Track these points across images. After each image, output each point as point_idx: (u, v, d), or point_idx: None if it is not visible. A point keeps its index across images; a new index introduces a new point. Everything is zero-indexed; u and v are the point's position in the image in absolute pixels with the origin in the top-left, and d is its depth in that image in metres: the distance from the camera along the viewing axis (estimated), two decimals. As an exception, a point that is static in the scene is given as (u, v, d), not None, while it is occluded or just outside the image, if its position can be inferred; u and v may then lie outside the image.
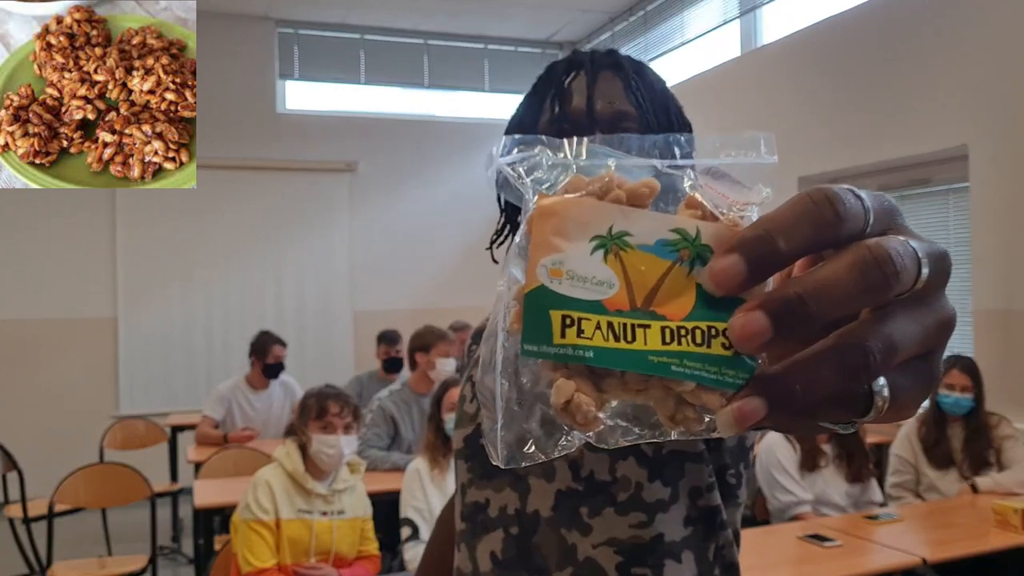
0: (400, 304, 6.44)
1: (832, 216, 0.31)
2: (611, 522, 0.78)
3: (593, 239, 0.31)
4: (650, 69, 0.89)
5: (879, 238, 0.31)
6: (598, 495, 0.78)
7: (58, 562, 3.33)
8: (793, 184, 4.57)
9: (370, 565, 2.46)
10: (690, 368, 0.30)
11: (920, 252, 0.32)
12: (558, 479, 0.81)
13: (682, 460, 0.80)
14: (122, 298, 5.82)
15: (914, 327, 0.31)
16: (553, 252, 0.31)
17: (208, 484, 3.20)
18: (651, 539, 0.78)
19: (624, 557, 0.78)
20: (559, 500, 0.80)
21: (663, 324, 0.31)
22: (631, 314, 0.31)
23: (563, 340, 0.31)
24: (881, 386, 0.31)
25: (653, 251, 0.31)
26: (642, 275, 0.31)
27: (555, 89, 0.85)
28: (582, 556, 0.79)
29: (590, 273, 0.31)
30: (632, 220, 0.31)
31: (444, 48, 6.65)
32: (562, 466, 0.80)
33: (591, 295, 0.31)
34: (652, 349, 0.30)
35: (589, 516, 0.79)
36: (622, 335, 0.31)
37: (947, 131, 3.68)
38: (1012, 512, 2.53)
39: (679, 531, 0.79)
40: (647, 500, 0.78)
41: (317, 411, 2.41)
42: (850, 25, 4.25)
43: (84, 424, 5.27)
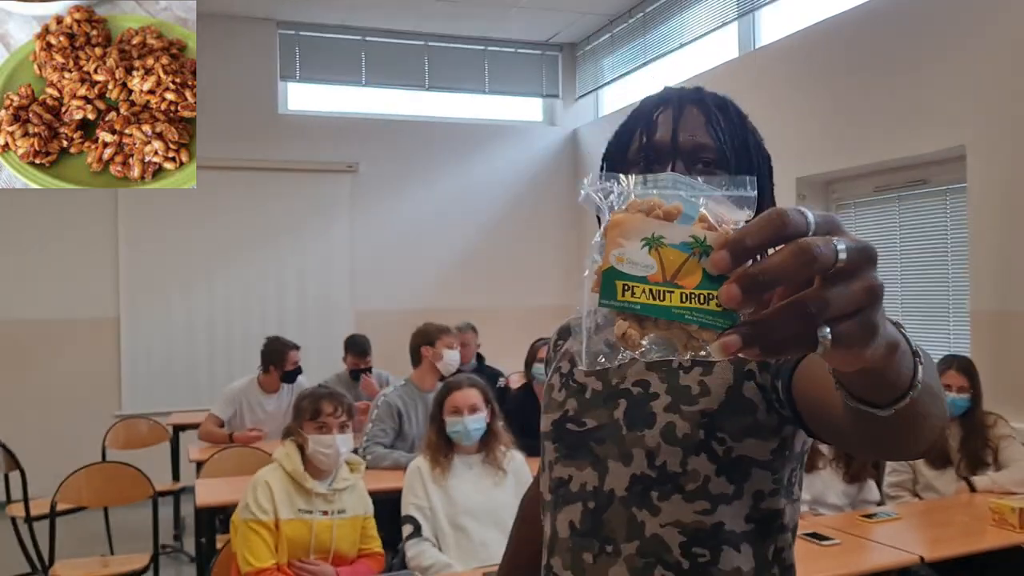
0: (401, 304, 6.46)
1: (780, 224, 0.45)
2: (678, 507, 0.89)
3: (642, 240, 0.49)
4: (733, 105, 1.01)
5: (809, 236, 0.45)
6: (668, 483, 0.89)
7: (60, 561, 3.34)
8: (792, 184, 4.58)
9: (373, 563, 2.48)
10: (696, 317, 0.48)
11: (838, 243, 0.45)
12: (634, 465, 0.91)
13: (749, 464, 0.89)
14: (124, 298, 5.85)
15: (842, 291, 0.45)
16: (618, 247, 0.49)
17: (210, 483, 3.22)
18: (712, 526, 0.88)
19: (687, 538, 0.89)
20: (633, 483, 0.91)
21: (681, 291, 0.48)
22: (663, 284, 0.49)
23: (623, 298, 0.49)
24: (825, 332, 0.45)
25: (678, 248, 0.48)
26: (671, 262, 0.49)
27: (644, 121, 0.96)
28: (649, 533, 0.90)
29: (639, 260, 0.49)
30: (665, 229, 0.49)
31: (444, 50, 6.67)
32: (639, 455, 0.91)
33: (640, 272, 0.49)
34: (674, 305, 0.48)
35: (659, 500, 0.90)
36: (657, 297, 0.49)
37: (945, 132, 3.69)
38: (1009, 511, 2.54)
39: (740, 525, 0.89)
40: (712, 492, 0.88)
41: (312, 412, 2.42)
42: (848, 27, 4.26)
43: (86, 423, 5.29)
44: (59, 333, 5.71)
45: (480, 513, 2.54)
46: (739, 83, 5.12)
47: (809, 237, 0.45)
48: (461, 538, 2.50)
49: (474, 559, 2.46)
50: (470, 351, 4.81)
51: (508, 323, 6.27)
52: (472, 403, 2.66)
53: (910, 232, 4.12)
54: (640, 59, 6.11)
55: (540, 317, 6.60)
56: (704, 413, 0.89)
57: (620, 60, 6.39)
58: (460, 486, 2.57)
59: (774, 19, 5.06)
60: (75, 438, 5.16)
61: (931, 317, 4.00)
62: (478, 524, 2.52)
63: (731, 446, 0.88)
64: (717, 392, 0.89)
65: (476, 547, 2.49)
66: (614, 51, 6.47)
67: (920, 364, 0.54)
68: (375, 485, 2.68)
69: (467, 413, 2.64)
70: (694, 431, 0.88)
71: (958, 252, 3.80)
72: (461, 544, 2.49)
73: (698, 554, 0.88)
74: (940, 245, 3.93)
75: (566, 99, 7.10)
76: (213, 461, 3.51)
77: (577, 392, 0.99)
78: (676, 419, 0.89)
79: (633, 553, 0.90)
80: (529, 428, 3.77)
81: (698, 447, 0.88)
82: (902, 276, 4.15)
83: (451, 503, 2.53)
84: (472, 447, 2.66)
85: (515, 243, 6.84)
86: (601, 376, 0.96)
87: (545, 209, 6.95)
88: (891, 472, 3.22)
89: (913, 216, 4.12)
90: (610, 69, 6.56)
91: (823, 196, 4.61)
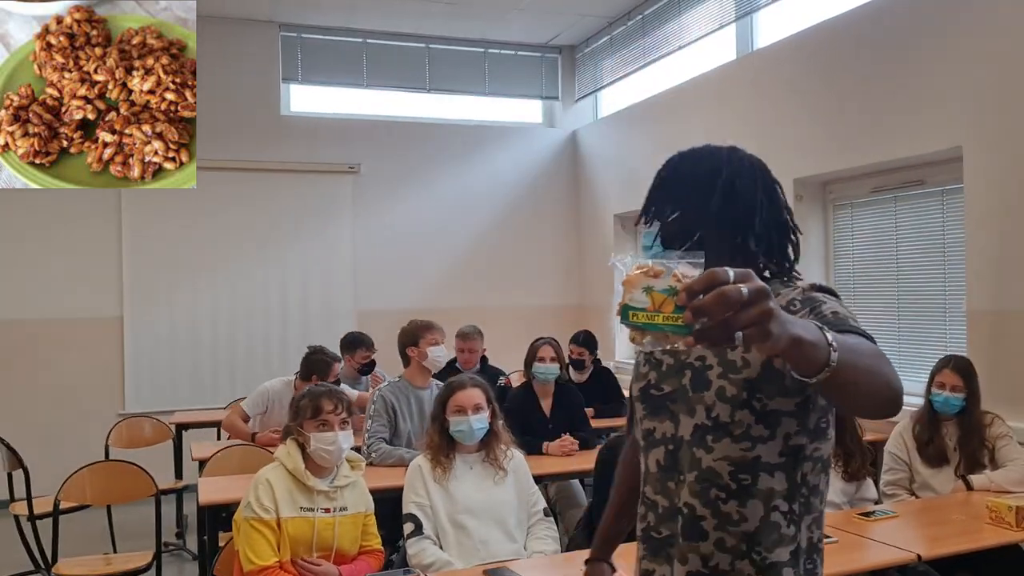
0: (402, 303, 6.47)
1: (711, 278, 0.81)
2: (727, 446, 1.21)
3: (642, 287, 0.87)
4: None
5: (728, 285, 0.80)
6: (720, 430, 1.22)
7: (63, 559, 3.36)
8: (789, 185, 4.59)
9: (373, 560, 2.48)
10: (671, 328, 0.86)
11: (743, 288, 0.80)
12: (696, 417, 1.24)
13: (780, 415, 1.20)
14: (128, 298, 5.87)
15: (746, 313, 0.80)
16: (629, 293, 0.88)
17: (212, 481, 3.23)
18: (752, 459, 1.21)
19: (733, 468, 1.21)
20: (695, 430, 1.24)
21: (663, 315, 0.86)
22: (653, 312, 0.87)
23: (632, 319, 0.88)
24: (739, 335, 0.81)
25: (662, 292, 0.86)
26: (657, 299, 0.87)
27: None
28: (705, 466, 1.23)
29: (640, 299, 0.87)
30: (654, 282, 0.87)
31: (445, 52, 6.70)
32: (700, 409, 1.24)
33: (641, 306, 0.87)
34: (659, 323, 0.87)
35: (712, 441, 1.22)
36: (650, 318, 0.87)
37: (941, 133, 3.70)
38: (1006, 509, 2.55)
39: (774, 458, 1.21)
40: (752, 435, 1.20)
41: (312, 411, 2.42)
42: (845, 29, 4.27)
43: (90, 422, 5.32)
44: (63, 332, 5.74)
45: (480, 511, 2.55)
46: (737, 85, 5.13)
47: (728, 286, 0.80)
48: (461, 536, 2.51)
49: (474, 557, 2.47)
50: (476, 356, 4.81)
51: (508, 323, 6.29)
52: (476, 403, 2.67)
53: (907, 232, 4.13)
54: (639, 61, 6.13)
55: (540, 317, 6.62)
56: (747, 380, 1.19)
57: (619, 62, 6.41)
58: (461, 485, 2.58)
59: (772, 21, 5.07)
60: (78, 437, 5.19)
61: (928, 317, 4.01)
62: (478, 522, 2.53)
63: (766, 403, 1.19)
64: (755, 365, 1.19)
65: (476, 545, 2.50)
66: (613, 53, 6.49)
67: (834, 351, 0.88)
68: (372, 483, 2.69)
69: (471, 412, 2.65)
70: (739, 392, 1.20)
71: (955, 252, 3.81)
72: (462, 542, 2.50)
73: (742, 479, 1.21)
74: (937, 245, 3.94)
75: (565, 101, 7.12)
76: (216, 459, 3.53)
77: (656, 366, 1.33)
78: (726, 384, 1.21)
79: (693, 480, 1.24)
80: (529, 427, 3.81)
81: (742, 404, 1.20)
82: (899, 276, 4.15)
83: (452, 501, 2.54)
84: (473, 446, 2.67)
85: (515, 243, 6.86)
86: (672, 354, 1.29)
87: (545, 210, 6.97)
88: (887, 471, 3.23)
89: (910, 216, 4.13)
90: (609, 71, 6.58)
91: (820, 197, 4.62)
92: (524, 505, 2.65)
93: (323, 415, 2.41)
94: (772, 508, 1.21)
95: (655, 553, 1.30)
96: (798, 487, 1.22)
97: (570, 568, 2.24)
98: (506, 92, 6.97)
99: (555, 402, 4.01)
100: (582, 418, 4.05)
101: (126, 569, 3.25)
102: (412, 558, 2.45)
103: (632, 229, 6.60)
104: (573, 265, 7.08)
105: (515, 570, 2.20)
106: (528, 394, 4.04)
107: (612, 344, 6.31)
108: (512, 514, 2.60)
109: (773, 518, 1.21)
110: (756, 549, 1.21)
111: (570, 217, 7.06)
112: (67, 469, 3.40)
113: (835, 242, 4.58)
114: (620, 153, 6.47)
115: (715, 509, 1.22)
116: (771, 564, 1.21)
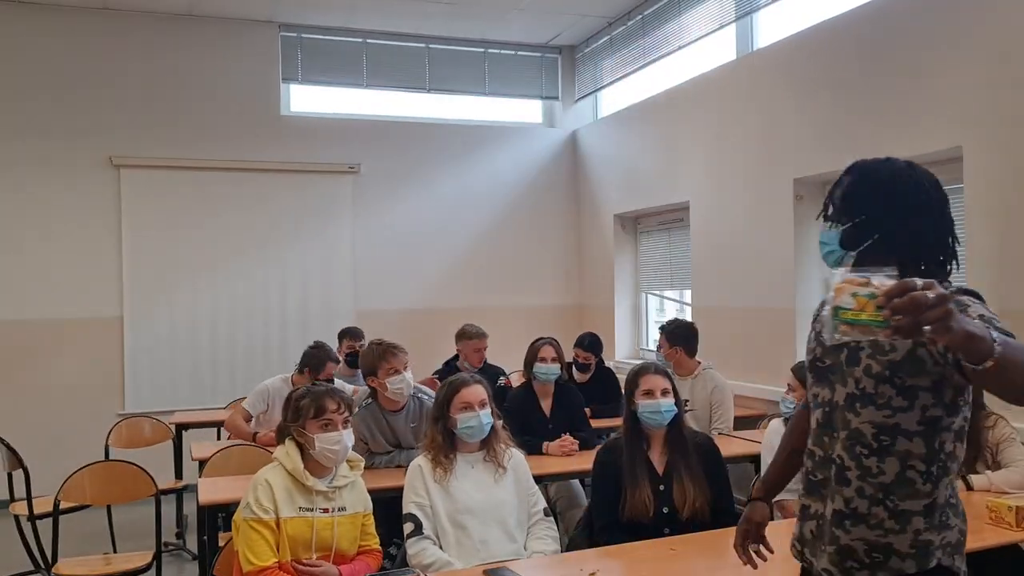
0: (402, 303, 6.50)
1: (903, 286, 1.10)
2: (871, 412, 1.48)
3: (850, 293, 1.15)
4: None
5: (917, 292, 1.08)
6: (866, 399, 1.49)
7: (63, 559, 3.36)
8: (789, 185, 4.60)
9: (371, 560, 2.47)
10: (875, 324, 1.13)
11: (931, 294, 1.07)
12: (848, 386, 1.51)
13: (917, 390, 1.45)
14: (128, 298, 5.88)
15: (932, 312, 1.07)
16: (839, 297, 1.16)
17: (212, 481, 3.23)
18: (892, 424, 1.47)
19: (876, 430, 1.48)
20: (846, 398, 1.52)
21: (867, 314, 1.13)
22: (858, 312, 1.14)
23: (842, 316, 1.15)
24: (926, 328, 1.09)
25: (866, 296, 1.13)
26: (861, 302, 1.14)
27: None
28: (853, 427, 1.51)
29: (848, 302, 1.15)
30: (859, 288, 1.14)
31: (445, 52, 6.70)
32: (851, 381, 1.51)
33: (848, 307, 1.15)
34: (865, 319, 1.13)
35: (860, 408, 1.49)
36: (856, 316, 1.14)
37: (941, 133, 3.70)
38: (1006, 509, 2.55)
39: (912, 425, 1.46)
40: (893, 405, 1.46)
41: (315, 410, 2.39)
42: (845, 29, 4.28)
43: (90, 422, 5.32)
44: (63, 332, 5.74)
45: (480, 511, 2.54)
46: (737, 85, 5.14)
47: (917, 291, 1.07)
48: (462, 536, 2.51)
49: (475, 557, 2.47)
50: (481, 356, 4.83)
51: (508, 323, 6.30)
52: (481, 398, 2.68)
53: (908, 232, 4.13)
54: (639, 61, 6.13)
55: (539, 317, 6.63)
56: (891, 361, 1.45)
57: (619, 62, 6.41)
58: (461, 484, 2.58)
59: (772, 21, 5.08)
60: (78, 437, 5.19)
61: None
62: (478, 522, 2.53)
63: (906, 380, 1.45)
64: (901, 351, 1.45)
65: (476, 545, 2.50)
66: (613, 53, 6.49)
67: (998, 346, 1.12)
68: (369, 484, 2.68)
69: (479, 408, 2.65)
70: (883, 370, 1.46)
71: (955, 252, 3.81)
72: (462, 542, 2.50)
73: (883, 439, 1.47)
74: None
75: (565, 101, 7.13)
76: (215, 459, 3.53)
77: (821, 343, 1.60)
78: (872, 363, 1.47)
79: (844, 437, 1.52)
80: (529, 427, 3.81)
81: (885, 380, 1.46)
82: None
83: (452, 501, 2.54)
84: (475, 445, 2.67)
85: (515, 243, 6.86)
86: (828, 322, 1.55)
87: (544, 210, 6.97)
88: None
89: (911, 216, 4.12)
90: (609, 71, 6.59)
91: (821, 197, 4.61)
92: (524, 505, 2.65)
93: (327, 415, 2.39)
94: (908, 467, 1.47)
95: (811, 492, 1.61)
96: (936, 453, 1.47)
97: (570, 568, 2.24)
98: (506, 92, 6.97)
99: (555, 402, 4.01)
100: (582, 418, 4.06)
101: (126, 569, 3.25)
102: (412, 558, 2.45)
103: (631, 229, 6.61)
104: (573, 265, 7.08)
105: (515, 570, 2.20)
106: (528, 394, 4.04)
107: (613, 344, 6.32)
108: (512, 514, 2.60)
109: (909, 475, 1.47)
110: (890, 498, 1.47)
111: (570, 217, 7.07)
112: (67, 469, 3.40)
113: (835, 242, 4.58)
114: (620, 153, 6.48)
115: (859, 462, 1.50)
116: (902, 512, 1.47)
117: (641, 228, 6.54)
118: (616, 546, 2.42)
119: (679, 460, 2.68)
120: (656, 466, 2.69)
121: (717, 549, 2.38)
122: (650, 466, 2.68)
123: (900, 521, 1.47)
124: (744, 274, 5.02)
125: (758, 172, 4.86)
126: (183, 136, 6.01)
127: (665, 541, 2.45)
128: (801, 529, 1.64)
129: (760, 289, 4.89)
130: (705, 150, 5.41)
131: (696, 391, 4.27)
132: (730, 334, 5.07)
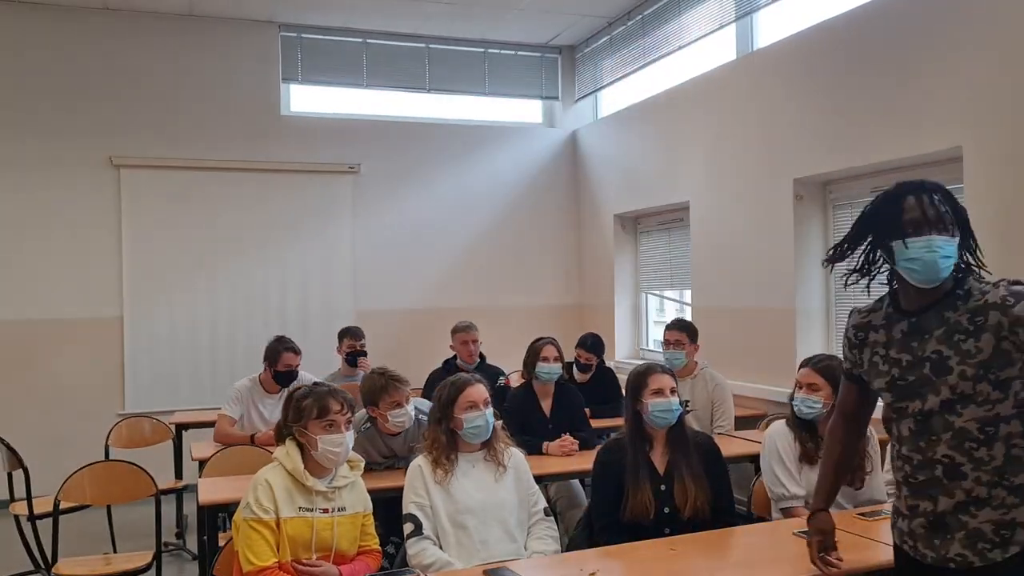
0: (402, 303, 6.50)
1: None
2: (974, 410, 1.66)
3: None
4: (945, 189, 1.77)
5: None
6: (966, 399, 1.66)
7: (63, 559, 3.36)
8: (789, 185, 4.60)
9: (371, 560, 2.47)
10: None
11: None
12: (942, 394, 1.68)
13: (1010, 380, 1.64)
14: (128, 298, 5.88)
15: None
16: None
17: (212, 481, 3.23)
18: (994, 415, 1.65)
19: (980, 424, 1.66)
20: (941, 404, 1.69)
21: None
22: None
23: None
24: None
25: None
26: None
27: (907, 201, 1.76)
28: (957, 427, 1.68)
29: None
30: None
31: (445, 52, 6.71)
32: (945, 389, 1.67)
33: None
34: None
35: (961, 408, 1.67)
36: None
37: (941, 133, 3.70)
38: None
39: (1008, 411, 1.65)
40: (991, 399, 1.65)
41: (318, 411, 2.38)
42: (845, 29, 4.28)
43: (90, 422, 5.32)
44: (63, 332, 5.74)
45: (481, 511, 2.54)
46: (737, 85, 5.14)
47: None
48: (462, 536, 2.50)
49: (474, 557, 2.47)
50: (470, 348, 4.85)
51: (508, 323, 6.31)
52: (485, 397, 2.68)
53: (908, 232, 4.13)
54: (639, 61, 6.13)
55: (539, 317, 6.63)
56: (981, 362, 1.63)
57: (619, 62, 6.41)
58: (462, 484, 2.58)
59: (772, 21, 5.08)
60: (78, 437, 5.19)
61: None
62: (479, 522, 2.53)
63: (999, 374, 1.63)
64: (987, 349, 1.63)
65: (476, 545, 2.50)
66: (613, 53, 6.49)
67: None
68: (368, 484, 2.68)
69: (484, 407, 2.65)
70: (977, 372, 1.64)
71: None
72: (462, 542, 2.50)
73: (988, 430, 1.65)
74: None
75: (565, 101, 7.13)
76: (215, 460, 3.53)
77: (896, 364, 1.77)
78: (966, 368, 1.65)
79: (948, 439, 1.68)
80: (529, 427, 3.81)
81: (981, 378, 1.64)
82: (900, 276, 4.15)
83: (452, 501, 2.54)
84: (476, 445, 2.67)
85: (515, 244, 6.86)
86: (909, 352, 1.75)
87: (544, 210, 6.98)
88: (888, 470, 3.22)
89: (911, 216, 4.12)
90: (609, 71, 6.59)
91: (820, 197, 4.63)
92: (524, 505, 2.65)
93: (330, 415, 2.38)
94: (1012, 446, 1.66)
95: (915, 493, 1.76)
96: None
97: (570, 568, 2.24)
98: (506, 92, 6.97)
99: (555, 402, 4.01)
100: (582, 418, 4.06)
101: (126, 569, 3.25)
102: (412, 558, 2.44)
103: (631, 229, 6.62)
104: (573, 265, 7.09)
105: (515, 570, 2.20)
106: (528, 394, 4.04)
107: (613, 344, 6.32)
108: (512, 514, 2.60)
109: (1014, 452, 1.66)
110: (1006, 478, 1.66)
111: (570, 217, 7.07)
112: (67, 469, 3.40)
113: (835, 242, 4.59)
114: (620, 153, 6.48)
115: (970, 456, 1.67)
116: (1019, 486, 1.66)
117: (641, 228, 6.54)
118: (616, 546, 2.42)
119: (680, 460, 2.67)
120: (657, 466, 2.69)
121: (718, 549, 2.38)
122: (651, 466, 2.68)
123: (1020, 495, 1.65)
124: (744, 274, 5.02)
125: (758, 172, 4.86)
126: (183, 136, 6.01)
127: (665, 541, 2.45)
128: (910, 526, 1.78)
129: (760, 289, 4.89)
130: (705, 150, 5.41)
131: (696, 391, 4.26)
132: (730, 334, 5.07)
